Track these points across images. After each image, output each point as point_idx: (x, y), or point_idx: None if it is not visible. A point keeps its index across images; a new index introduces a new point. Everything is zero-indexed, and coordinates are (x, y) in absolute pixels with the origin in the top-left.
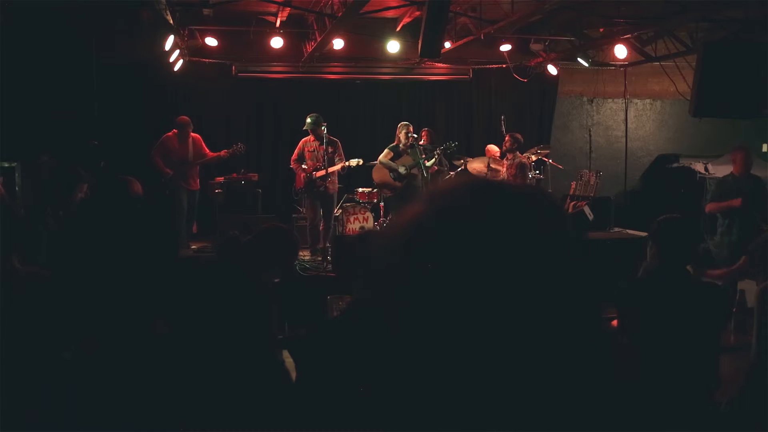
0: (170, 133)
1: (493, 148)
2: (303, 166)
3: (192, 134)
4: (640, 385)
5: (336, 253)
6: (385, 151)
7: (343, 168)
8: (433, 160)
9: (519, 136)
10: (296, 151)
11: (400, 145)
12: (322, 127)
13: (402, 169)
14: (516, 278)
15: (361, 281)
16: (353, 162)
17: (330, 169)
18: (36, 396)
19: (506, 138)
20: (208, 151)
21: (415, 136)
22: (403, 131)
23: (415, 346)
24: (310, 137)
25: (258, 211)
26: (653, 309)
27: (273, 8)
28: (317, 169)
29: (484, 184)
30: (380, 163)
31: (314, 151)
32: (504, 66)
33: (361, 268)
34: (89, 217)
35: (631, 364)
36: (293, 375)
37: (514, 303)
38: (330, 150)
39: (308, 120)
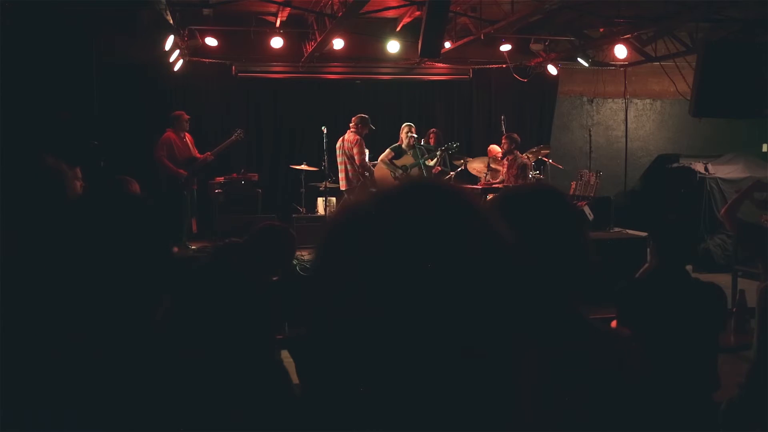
0: (170, 134)
1: (495, 149)
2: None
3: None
4: (641, 385)
5: None
6: (387, 150)
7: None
8: (435, 160)
9: (515, 135)
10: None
11: (402, 145)
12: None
13: (398, 172)
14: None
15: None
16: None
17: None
18: (34, 395)
19: (503, 140)
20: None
21: (416, 136)
22: (405, 131)
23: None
24: (350, 136)
25: (258, 211)
26: (653, 309)
27: (273, 8)
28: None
29: (427, 184)
30: (381, 162)
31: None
32: (504, 66)
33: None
34: (82, 213)
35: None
36: (293, 375)
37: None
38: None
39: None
